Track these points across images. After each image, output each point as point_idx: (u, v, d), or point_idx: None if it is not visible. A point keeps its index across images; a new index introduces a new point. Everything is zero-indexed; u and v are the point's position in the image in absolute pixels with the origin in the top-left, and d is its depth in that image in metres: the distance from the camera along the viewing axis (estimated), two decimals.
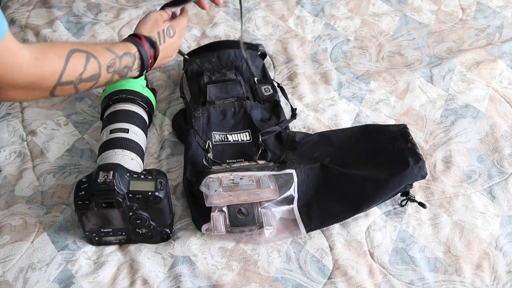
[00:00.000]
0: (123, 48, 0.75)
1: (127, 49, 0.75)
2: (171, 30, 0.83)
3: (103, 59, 0.70)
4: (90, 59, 0.69)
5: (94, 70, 0.70)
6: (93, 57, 0.69)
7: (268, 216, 0.83)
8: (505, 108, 1.04)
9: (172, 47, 0.84)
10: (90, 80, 0.70)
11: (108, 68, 0.71)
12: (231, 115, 1.00)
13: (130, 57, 0.75)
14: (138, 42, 0.77)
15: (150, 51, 0.78)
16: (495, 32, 1.20)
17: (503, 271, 0.81)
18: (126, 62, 0.74)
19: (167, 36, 0.82)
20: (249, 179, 0.84)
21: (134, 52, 0.76)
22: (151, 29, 0.81)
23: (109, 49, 0.72)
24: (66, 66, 0.65)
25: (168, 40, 0.82)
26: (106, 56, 0.71)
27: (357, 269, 0.81)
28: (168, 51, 0.84)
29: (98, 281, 0.79)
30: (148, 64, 0.78)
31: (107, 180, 0.73)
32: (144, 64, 0.77)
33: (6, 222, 0.86)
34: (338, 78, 1.10)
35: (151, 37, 0.79)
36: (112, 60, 0.72)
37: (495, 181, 0.92)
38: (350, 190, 0.85)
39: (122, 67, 0.74)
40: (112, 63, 0.72)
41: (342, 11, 1.26)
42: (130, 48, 0.76)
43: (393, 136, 0.91)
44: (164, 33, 0.82)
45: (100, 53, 0.71)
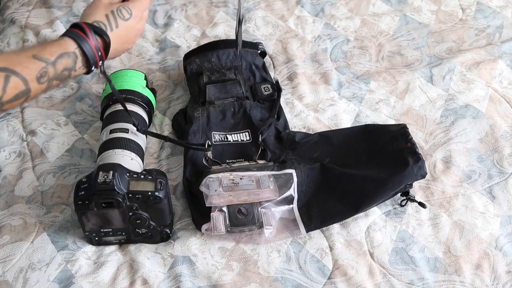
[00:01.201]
0: (57, 48, 0.63)
1: (62, 49, 0.63)
2: (125, 11, 0.70)
3: (28, 73, 0.60)
4: (10, 78, 0.58)
5: (18, 89, 0.59)
6: (14, 74, 0.58)
7: (268, 216, 0.83)
8: (505, 108, 1.04)
9: (129, 31, 0.71)
10: (16, 99, 0.60)
11: (39, 80, 0.61)
12: (231, 115, 1.00)
13: (68, 57, 0.63)
14: (77, 35, 0.64)
15: (96, 42, 0.65)
16: (495, 32, 1.20)
17: (503, 271, 0.81)
18: (64, 65, 0.63)
19: (120, 18, 0.69)
20: (249, 179, 0.84)
21: (72, 50, 0.64)
22: (97, 13, 0.68)
23: (37, 56, 0.61)
24: None
25: (123, 23, 0.69)
26: (33, 68, 0.60)
27: (357, 269, 0.81)
28: (125, 37, 0.71)
29: (98, 281, 0.79)
30: (96, 59, 0.66)
31: (107, 180, 0.73)
32: (90, 60, 0.65)
33: (6, 222, 0.86)
34: (338, 78, 1.10)
35: (97, 23, 0.67)
36: (42, 70, 0.61)
37: (495, 181, 0.92)
38: (350, 189, 0.85)
39: (59, 72, 0.63)
40: (43, 72, 0.61)
41: (342, 11, 1.26)
42: (66, 46, 0.64)
43: (393, 135, 0.91)
44: (115, 15, 0.68)
45: (24, 65, 0.60)
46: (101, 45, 0.66)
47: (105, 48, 0.67)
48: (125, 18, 0.69)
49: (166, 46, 1.18)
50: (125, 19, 0.69)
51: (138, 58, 1.15)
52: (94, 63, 0.66)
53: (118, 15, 0.68)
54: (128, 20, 0.70)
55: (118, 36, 0.69)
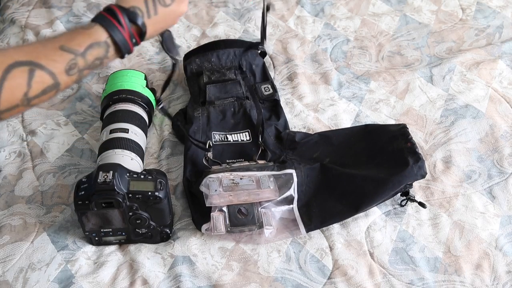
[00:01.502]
0: (87, 38, 0.57)
1: (92, 39, 0.58)
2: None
3: (56, 66, 0.55)
4: (35, 72, 0.54)
5: (45, 83, 0.55)
6: (40, 68, 0.54)
7: (268, 216, 0.83)
8: (505, 108, 1.04)
9: (169, 16, 0.64)
10: (44, 94, 0.56)
11: (68, 72, 0.56)
12: (231, 115, 1.00)
13: (98, 47, 0.58)
14: (109, 23, 0.58)
15: (130, 30, 0.60)
16: (495, 32, 1.20)
17: (503, 271, 0.81)
18: (95, 55, 0.58)
19: (160, 5, 0.62)
20: (249, 179, 0.84)
21: (103, 39, 0.58)
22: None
23: (65, 47, 0.56)
24: (0, 92, 0.52)
25: (163, 10, 0.62)
26: (60, 60, 0.56)
27: (357, 269, 0.81)
28: (164, 22, 0.64)
29: (98, 281, 0.79)
30: (129, 47, 0.61)
31: (107, 180, 0.73)
32: (122, 49, 0.60)
33: (6, 222, 0.86)
34: (338, 78, 1.10)
35: (132, 9, 0.60)
36: (71, 62, 0.56)
37: (495, 181, 0.92)
38: (350, 189, 0.85)
39: (89, 62, 0.58)
40: (72, 64, 0.56)
41: (342, 11, 1.26)
42: (97, 35, 0.58)
43: (393, 135, 0.91)
44: (155, 1, 0.62)
45: (50, 58, 0.55)
46: (136, 33, 0.61)
47: (140, 34, 0.61)
48: (166, 4, 0.62)
49: None
50: (165, 6, 0.62)
51: (138, 58, 1.15)
52: (127, 50, 0.61)
53: (159, 1, 0.62)
54: (169, 6, 0.63)
55: (156, 22, 0.63)
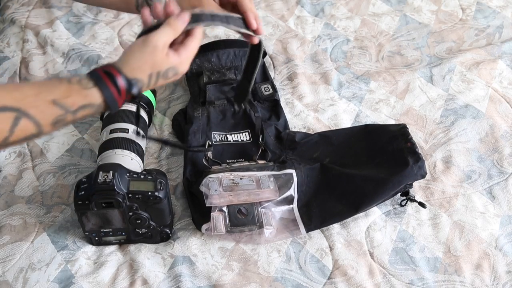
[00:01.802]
0: (82, 99, 0.56)
1: (87, 100, 0.57)
2: (171, 72, 0.62)
3: (43, 118, 0.55)
4: (21, 120, 0.53)
5: (28, 131, 0.54)
6: (27, 117, 0.53)
7: (268, 216, 0.83)
8: (505, 108, 1.04)
9: (164, 82, 0.64)
10: (25, 140, 0.56)
11: (54, 124, 0.56)
12: (231, 115, 1.00)
13: (91, 108, 0.58)
14: (107, 89, 0.57)
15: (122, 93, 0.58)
16: (495, 32, 1.20)
17: (503, 271, 0.81)
18: (85, 114, 0.58)
19: (162, 79, 0.62)
20: (249, 179, 0.84)
21: (98, 102, 0.57)
22: (142, 69, 0.60)
23: (58, 103, 0.55)
24: None
25: (162, 82, 0.63)
26: (50, 113, 0.55)
27: (357, 269, 0.81)
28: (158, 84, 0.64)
29: (98, 281, 0.79)
30: (118, 107, 0.60)
31: (107, 180, 0.73)
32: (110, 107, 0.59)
33: (6, 222, 0.86)
34: (338, 78, 1.10)
35: (134, 81, 0.59)
36: (59, 117, 0.56)
37: (495, 181, 0.92)
38: (350, 189, 0.85)
39: (77, 118, 0.58)
40: (60, 119, 0.56)
41: (342, 11, 1.26)
42: (92, 97, 0.57)
43: (393, 135, 0.91)
44: (158, 76, 0.61)
45: (40, 109, 0.54)
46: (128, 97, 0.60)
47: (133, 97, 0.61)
48: (167, 77, 0.62)
49: None
50: (167, 78, 0.63)
51: None
52: (115, 110, 0.60)
53: (163, 76, 0.61)
54: (170, 79, 0.63)
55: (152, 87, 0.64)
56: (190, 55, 0.63)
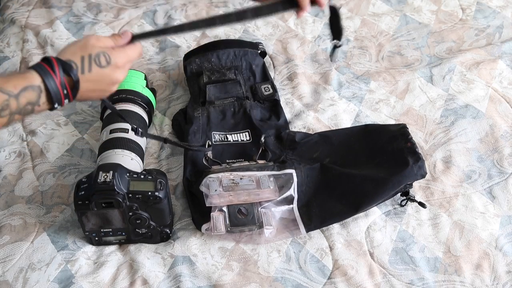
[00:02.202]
0: (22, 81, 0.59)
1: (26, 81, 0.60)
2: (103, 58, 0.64)
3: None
4: None
5: None
6: None
7: (268, 216, 0.83)
8: (505, 108, 1.04)
9: (103, 79, 0.66)
10: None
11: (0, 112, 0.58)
12: (231, 115, 1.00)
13: (32, 91, 0.60)
14: (44, 69, 0.60)
15: (63, 79, 0.61)
16: (495, 32, 1.20)
17: (503, 271, 0.81)
18: (28, 99, 0.60)
19: (96, 64, 0.64)
20: (249, 179, 0.84)
21: (37, 83, 0.60)
22: (74, 52, 0.64)
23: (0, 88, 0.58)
24: None
25: (97, 70, 0.64)
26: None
27: (357, 269, 0.81)
28: (98, 84, 0.66)
29: (98, 281, 0.79)
30: (60, 97, 0.62)
31: (107, 180, 0.73)
32: (53, 97, 0.61)
33: (6, 222, 0.86)
34: (338, 78, 1.10)
35: (68, 62, 0.62)
36: (4, 103, 0.58)
37: (495, 181, 0.92)
38: (350, 189, 0.85)
39: (21, 106, 0.59)
40: (5, 105, 0.58)
41: (342, 11, 1.26)
42: (31, 79, 0.60)
43: (393, 135, 0.91)
44: (90, 60, 0.63)
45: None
46: (68, 84, 0.62)
47: (72, 87, 0.63)
48: (101, 65, 0.64)
49: (166, 46, 1.18)
50: (100, 66, 0.64)
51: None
52: (58, 100, 0.62)
53: (95, 60, 0.64)
54: (104, 68, 0.65)
55: (89, 80, 0.64)
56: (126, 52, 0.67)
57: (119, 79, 0.67)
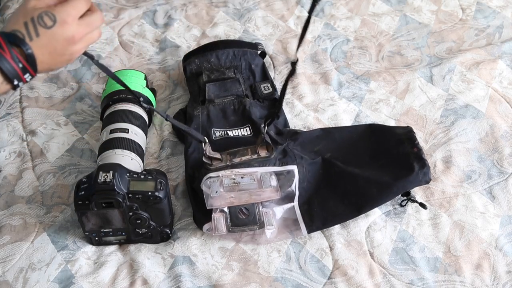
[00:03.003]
0: None
1: None
2: (47, 17, 0.59)
3: None
4: None
5: None
6: None
7: (269, 216, 0.83)
8: (505, 108, 1.04)
9: (57, 40, 0.60)
10: None
11: None
12: (231, 113, 1.00)
13: None
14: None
15: (13, 53, 0.57)
16: (495, 32, 1.20)
17: (503, 271, 0.81)
18: None
19: (41, 26, 0.58)
20: (250, 178, 0.84)
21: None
22: (16, 21, 0.59)
23: None
24: None
25: (44, 32, 0.59)
26: None
27: (357, 269, 0.81)
28: (52, 47, 0.60)
29: (98, 281, 0.79)
30: (16, 73, 0.57)
31: (107, 180, 0.73)
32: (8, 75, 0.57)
33: (6, 222, 0.86)
34: (338, 78, 1.10)
35: (13, 32, 0.57)
36: None
37: (495, 181, 0.92)
38: (353, 190, 0.85)
39: None
40: None
41: (342, 11, 1.26)
42: None
43: (399, 139, 0.91)
44: (34, 23, 0.58)
45: None
46: (21, 56, 0.57)
47: (27, 60, 0.58)
48: (47, 25, 0.59)
49: (166, 46, 1.18)
50: (47, 27, 0.59)
51: (138, 58, 1.15)
52: (16, 76, 0.58)
53: (39, 22, 0.58)
54: (52, 28, 0.59)
55: (42, 46, 0.59)
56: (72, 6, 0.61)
57: (73, 34, 0.61)
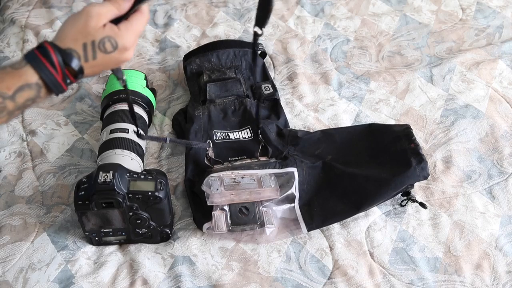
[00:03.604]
0: (16, 81, 0.53)
1: (22, 80, 0.54)
2: (109, 44, 0.57)
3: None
4: None
5: None
6: None
7: (269, 215, 0.83)
8: (505, 108, 1.04)
9: (111, 62, 0.59)
10: None
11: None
12: (232, 113, 1.00)
13: (29, 89, 0.54)
14: (41, 63, 0.54)
15: (63, 71, 0.55)
16: (495, 32, 1.20)
17: (503, 271, 0.81)
18: (25, 97, 0.54)
19: (100, 51, 0.57)
20: (250, 178, 0.84)
21: (34, 81, 0.54)
22: (75, 39, 0.56)
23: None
24: None
25: (102, 56, 0.57)
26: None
27: (357, 269, 0.81)
28: (104, 66, 0.59)
29: (98, 281, 0.79)
30: (62, 88, 0.56)
31: (107, 180, 0.73)
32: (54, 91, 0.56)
33: (6, 222, 0.86)
34: (338, 78, 1.10)
35: (69, 51, 0.55)
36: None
37: (495, 181, 0.92)
38: (352, 189, 0.85)
39: (20, 104, 0.54)
40: (1, 108, 0.53)
41: (342, 11, 1.26)
42: (27, 77, 0.54)
43: (396, 136, 0.91)
44: (94, 47, 0.56)
45: None
46: (71, 74, 0.56)
47: (75, 75, 0.57)
48: (107, 51, 0.57)
49: (166, 46, 1.18)
50: (106, 52, 0.57)
51: (138, 58, 1.15)
52: (60, 91, 0.57)
53: (99, 47, 0.56)
54: (111, 53, 0.58)
55: (95, 65, 0.58)
56: (133, 28, 0.59)
57: (128, 58, 0.60)
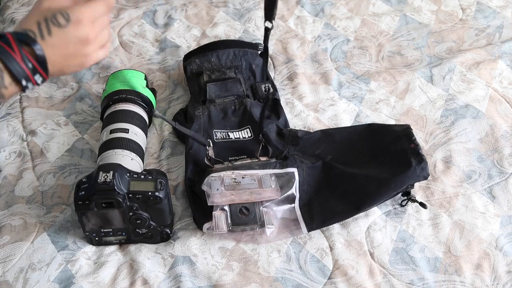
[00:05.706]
0: None
1: None
2: (60, 16, 0.57)
3: None
4: None
5: None
6: None
7: (270, 215, 0.83)
8: (505, 108, 1.04)
9: (70, 40, 0.58)
10: None
11: None
12: (232, 113, 1.00)
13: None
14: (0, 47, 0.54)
15: (22, 53, 0.54)
16: (495, 32, 1.20)
17: (503, 271, 0.81)
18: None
19: (54, 25, 0.56)
20: (251, 178, 0.84)
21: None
22: (29, 20, 0.57)
23: None
24: None
25: (57, 31, 0.57)
26: None
27: (357, 269, 0.81)
28: (66, 47, 0.58)
29: (98, 281, 0.79)
30: (25, 74, 0.55)
31: (107, 180, 0.73)
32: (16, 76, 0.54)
33: (6, 222, 0.86)
34: (338, 78, 1.10)
35: (24, 31, 0.55)
36: None
37: (495, 181, 0.92)
38: (352, 189, 0.85)
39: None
40: None
41: (342, 11, 1.26)
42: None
43: (396, 136, 0.91)
44: (47, 22, 0.56)
45: None
46: (32, 56, 0.55)
47: (38, 59, 0.55)
48: (60, 24, 0.56)
49: (166, 46, 1.18)
50: (60, 26, 0.56)
51: (138, 58, 1.15)
52: (25, 77, 0.55)
53: (52, 21, 0.56)
54: (65, 27, 0.57)
55: (53, 45, 0.56)
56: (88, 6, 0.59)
57: (87, 35, 0.59)
